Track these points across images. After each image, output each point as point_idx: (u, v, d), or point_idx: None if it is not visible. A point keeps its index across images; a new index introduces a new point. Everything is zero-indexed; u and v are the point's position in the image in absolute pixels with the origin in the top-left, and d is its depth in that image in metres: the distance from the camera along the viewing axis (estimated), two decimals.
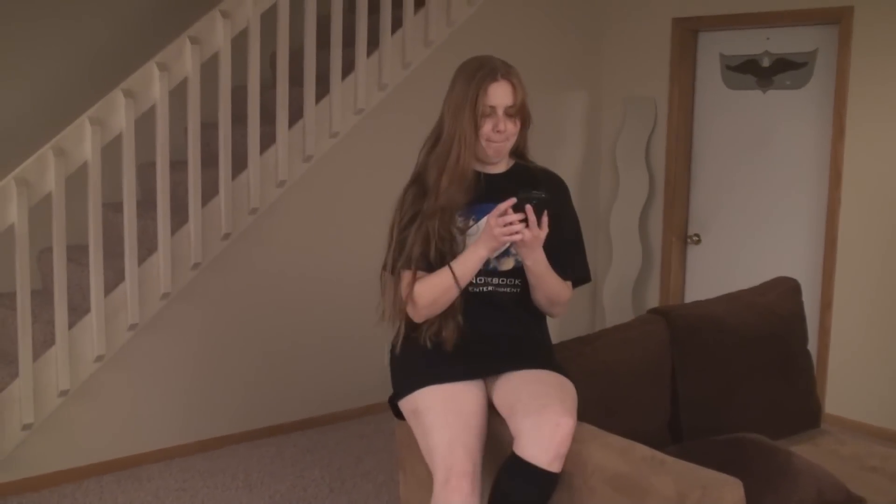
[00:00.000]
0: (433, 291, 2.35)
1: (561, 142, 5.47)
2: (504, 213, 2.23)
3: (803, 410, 3.16)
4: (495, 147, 2.40)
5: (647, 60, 5.35)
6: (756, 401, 3.01)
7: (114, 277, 3.91)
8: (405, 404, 2.43)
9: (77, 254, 4.05)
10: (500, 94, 2.35)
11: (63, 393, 3.75)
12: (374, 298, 2.55)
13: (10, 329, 3.90)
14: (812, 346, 3.48)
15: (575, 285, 2.53)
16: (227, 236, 4.16)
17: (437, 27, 4.74)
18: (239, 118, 4.23)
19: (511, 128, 2.39)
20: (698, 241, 5.30)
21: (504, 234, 2.24)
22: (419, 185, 2.44)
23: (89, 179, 3.72)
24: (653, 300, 5.47)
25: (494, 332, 2.44)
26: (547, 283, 2.39)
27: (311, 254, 4.51)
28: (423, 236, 2.36)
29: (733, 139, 5.10)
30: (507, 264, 2.42)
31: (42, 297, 4.11)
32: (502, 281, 2.43)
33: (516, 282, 2.43)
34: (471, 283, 2.39)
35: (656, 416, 2.84)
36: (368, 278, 2.77)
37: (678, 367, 2.89)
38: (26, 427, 3.68)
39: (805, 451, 2.83)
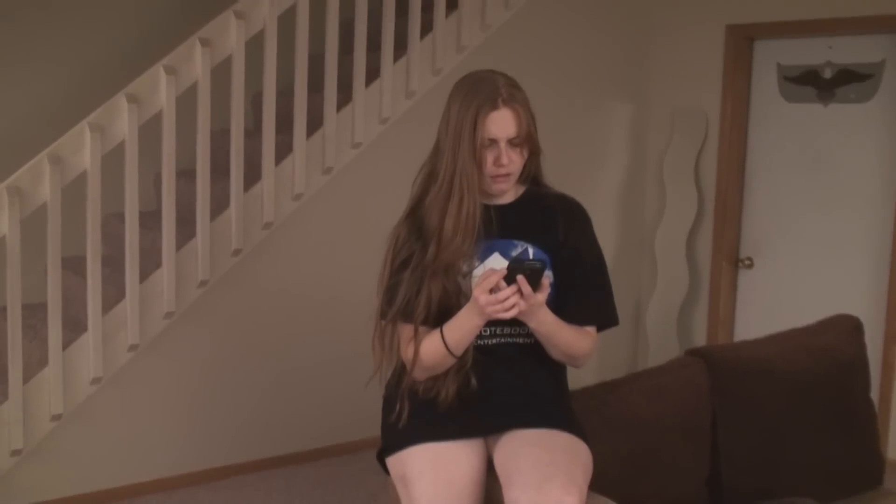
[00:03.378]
0: (431, 357, 2.07)
1: (603, 157, 5.26)
2: (494, 287, 1.93)
3: (863, 468, 2.88)
4: (498, 184, 2.12)
5: (698, 70, 5.11)
6: (809, 458, 2.75)
7: (116, 294, 3.78)
8: (393, 465, 2.15)
9: (81, 266, 3.91)
10: (501, 125, 2.05)
11: (56, 417, 3.62)
12: None
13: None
14: (874, 385, 3.18)
15: (599, 330, 2.21)
16: (237, 252, 4.01)
17: (470, 31, 4.53)
18: (253, 126, 4.05)
19: (516, 159, 2.10)
20: (750, 266, 5.03)
21: (496, 311, 1.95)
22: (414, 220, 2.16)
23: (88, 189, 3.61)
24: (700, 327, 5.20)
25: (501, 386, 2.13)
26: (560, 340, 2.09)
27: (328, 273, 4.34)
28: (425, 296, 2.07)
29: (791, 156, 4.85)
30: None
31: (46, 311, 3.96)
32: (514, 331, 2.13)
33: (529, 331, 2.12)
34: (479, 336, 2.10)
35: (693, 475, 2.58)
36: None
37: (719, 418, 2.64)
38: (15, 453, 3.56)
39: None
